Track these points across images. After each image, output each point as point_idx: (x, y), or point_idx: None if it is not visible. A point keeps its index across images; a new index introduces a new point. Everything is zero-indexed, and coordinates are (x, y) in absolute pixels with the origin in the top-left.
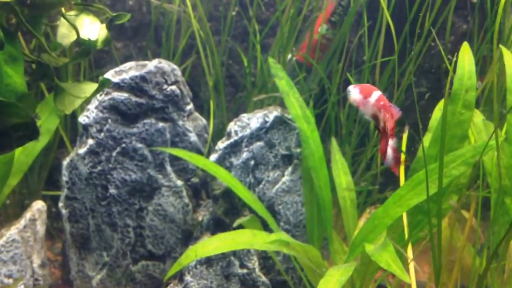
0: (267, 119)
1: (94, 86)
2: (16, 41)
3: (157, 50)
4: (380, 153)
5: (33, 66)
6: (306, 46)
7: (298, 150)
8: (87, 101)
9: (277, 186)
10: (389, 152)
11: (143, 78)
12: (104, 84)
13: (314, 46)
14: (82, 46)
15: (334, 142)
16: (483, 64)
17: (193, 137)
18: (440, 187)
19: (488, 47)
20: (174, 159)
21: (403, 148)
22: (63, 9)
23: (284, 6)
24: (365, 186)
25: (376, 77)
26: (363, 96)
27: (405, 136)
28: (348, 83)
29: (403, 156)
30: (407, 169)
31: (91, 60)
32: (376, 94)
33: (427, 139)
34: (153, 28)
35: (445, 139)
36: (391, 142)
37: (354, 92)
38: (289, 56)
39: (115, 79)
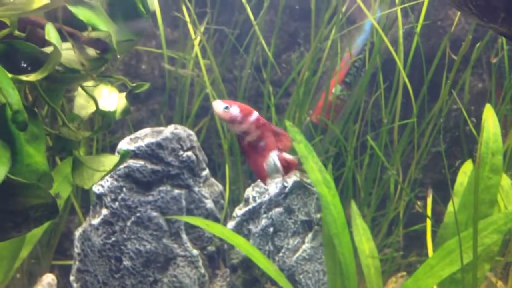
0: (286, 184)
1: (113, 159)
2: (38, 119)
3: (169, 113)
4: (253, 167)
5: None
6: (321, 107)
7: (318, 215)
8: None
9: (297, 254)
10: (276, 162)
11: (159, 145)
12: (125, 157)
13: (329, 107)
14: (103, 118)
15: (354, 206)
16: (504, 125)
17: (209, 203)
18: (475, 257)
19: (509, 107)
20: (189, 227)
21: (429, 212)
22: None
23: (300, 67)
24: (389, 254)
25: (394, 137)
26: (243, 114)
27: (429, 200)
28: (365, 145)
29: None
30: (433, 234)
31: None
32: (256, 114)
33: (452, 204)
34: (167, 94)
35: (478, 206)
36: (275, 154)
37: (234, 110)
38: (307, 119)
39: (131, 147)
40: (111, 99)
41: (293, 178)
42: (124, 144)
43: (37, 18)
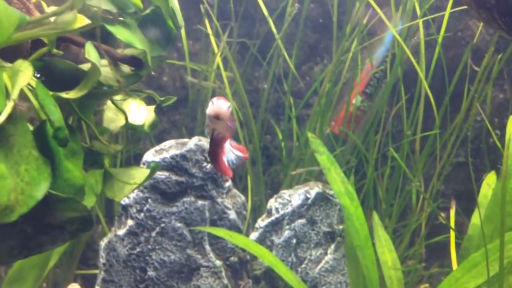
0: (308, 196)
1: (143, 172)
2: (76, 135)
3: (190, 124)
4: (221, 164)
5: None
6: (342, 118)
7: (341, 226)
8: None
9: (320, 266)
10: (234, 152)
11: (183, 156)
12: (154, 170)
13: (350, 118)
14: (133, 131)
15: (376, 217)
16: None
17: (232, 214)
18: (501, 269)
19: None
20: (212, 238)
21: (452, 223)
22: None
23: (322, 78)
24: (412, 265)
25: (416, 148)
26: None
27: (452, 212)
28: (386, 155)
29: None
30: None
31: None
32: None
33: (476, 216)
34: (189, 105)
35: (504, 219)
36: (228, 144)
37: (229, 106)
38: (327, 130)
39: (156, 158)
40: (139, 112)
41: (315, 189)
42: (150, 156)
43: (72, 35)
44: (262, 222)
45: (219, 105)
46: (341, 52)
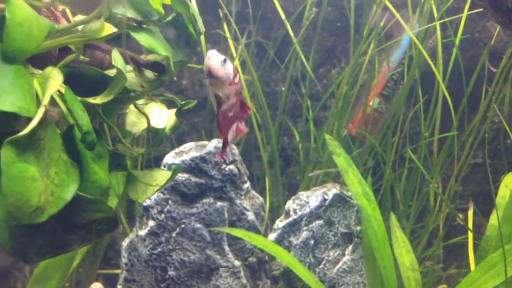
0: (326, 197)
1: (166, 174)
2: (102, 138)
3: (209, 126)
4: (224, 138)
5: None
6: (359, 120)
7: (358, 228)
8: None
9: (338, 266)
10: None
11: (203, 158)
12: (176, 173)
13: (366, 119)
14: (154, 135)
15: (393, 218)
16: None
17: (250, 215)
18: None
19: None
20: (231, 238)
21: (470, 224)
22: None
23: (340, 80)
24: (430, 266)
25: (433, 149)
26: (235, 74)
27: (470, 213)
28: (403, 157)
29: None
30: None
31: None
32: (238, 76)
33: (494, 217)
34: (208, 108)
35: None
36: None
37: (230, 66)
38: (344, 132)
39: (176, 160)
40: (160, 116)
41: (333, 190)
42: (170, 158)
43: (98, 42)
44: (280, 223)
45: (211, 59)
46: (358, 54)
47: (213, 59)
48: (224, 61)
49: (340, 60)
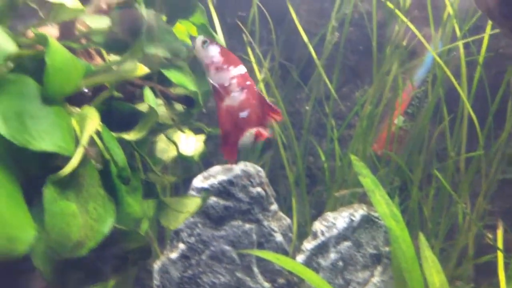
0: (353, 218)
1: (196, 201)
2: (136, 171)
3: None
4: (223, 141)
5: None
6: (384, 139)
7: (387, 248)
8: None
9: None
10: (251, 140)
11: (230, 182)
12: (206, 200)
13: (391, 138)
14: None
15: (422, 238)
16: None
17: (278, 237)
18: None
19: None
20: (260, 260)
21: (500, 242)
22: None
23: (364, 101)
24: (460, 286)
25: (460, 166)
26: (225, 60)
27: (499, 232)
28: (431, 173)
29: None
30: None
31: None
32: (242, 68)
33: None
34: None
35: None
36: (253, 132)
37: (213, 49)
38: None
39: (205, 184)
40: (189, 143)
41: (360, 211)
42: (198, 182)
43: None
44: (308, 244)
45: (196, 42)
46: (382, 75)
47: (196, 41)
48: (205, 43)
49: (363, 79)
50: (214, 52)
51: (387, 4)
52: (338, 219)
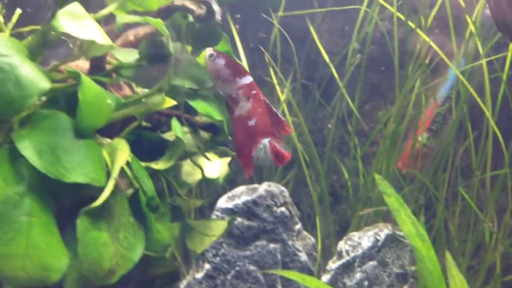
0: (378, 238)
1: (222, 224)
2: (164, 199)
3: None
4: (237, 150)
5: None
6: (408, 156)
7: (413, 268)
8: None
9: None
10: (267, 152)
11: (254, 202)
12: (231, 223)
13: (416, 155)
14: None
15: (449, 257)
16: None
17: (303, 256)
18: None
19: None
20: (285, 279)
21: None
22: None
23: (386, 119)
24: None
25: (487, 184)
26: (231, 72)
27: None
28: (456, 190)
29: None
30: None
31: None
32: (248, 78)
33: None
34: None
35: None
36: (267, 142)
37: (219, 61)
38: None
39: (229, 205)
40: (213, 166)
41: (385, 231)
42: (223, 203)
43: None
44: (333, 264)
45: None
46: (405, 93)
47: (206, 54)
48: (212, 56)
49: (386, 96)
50: (220, 65)
51: (409, 23)
52: (363, 239)
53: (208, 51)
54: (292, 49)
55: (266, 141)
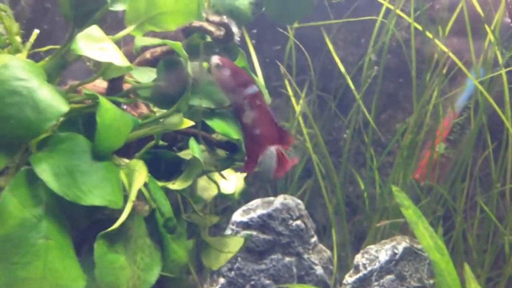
0: (396, 251)
1: (239, 241)
2: (181, 218)
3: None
4: (248, 152)
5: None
6: (425, 166)
7: (431, 281)
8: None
9: None
10: (273, 160)
11: (270, 215)
12: (247, 240)
13: (433, 165)
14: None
15: (467, 270)
16: None
17: (319, 270)
18: None
19: None
20: None
21: None
22: None
23: (404, 129)
24: None
25: (506, 195)
26: (236, 82)
27: None
28: (475, 200)
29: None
30: None
31: None
32: (254, 88)
33: None
34: None
35: None
36: (274, 150)
37: (225, 71)
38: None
39: (244, 219)
40: (229, 181)
41: (403, 244)
42: (238, 216)
43: None
44: (349, 278)
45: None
46: (423, 103)
47: (212, 62)
48: (218, 66)
49: (403, 106)
50: (226, 75)
51: (426, 34)
52: (381, 252)
53: (214, 60)
54: (308, 60)
55: (273, 148)
